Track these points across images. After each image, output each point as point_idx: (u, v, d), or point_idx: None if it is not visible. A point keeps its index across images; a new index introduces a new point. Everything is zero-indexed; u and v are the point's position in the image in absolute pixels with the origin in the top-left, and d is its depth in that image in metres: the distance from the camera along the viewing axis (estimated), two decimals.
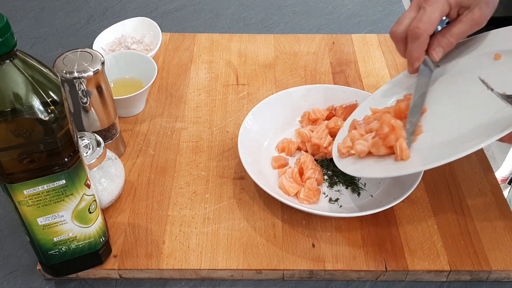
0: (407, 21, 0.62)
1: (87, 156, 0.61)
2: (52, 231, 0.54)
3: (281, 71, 0.91)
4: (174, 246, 0.64)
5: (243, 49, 0.95)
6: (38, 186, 0.49)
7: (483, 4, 0.60)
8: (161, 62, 0.92)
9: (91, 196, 0.54)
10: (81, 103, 0.66)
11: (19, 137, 0.45)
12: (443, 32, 0.62)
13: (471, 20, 0.61)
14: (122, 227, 0.66)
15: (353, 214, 0.63)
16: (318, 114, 0.77)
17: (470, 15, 0.61)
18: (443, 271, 0.62)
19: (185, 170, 0.73)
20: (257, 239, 0.65)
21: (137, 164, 0.74)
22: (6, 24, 0.42)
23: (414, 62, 0.64)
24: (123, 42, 0.91)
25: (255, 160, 0.71)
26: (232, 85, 0.88)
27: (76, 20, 1.06)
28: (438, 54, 0.63)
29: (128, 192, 0.70)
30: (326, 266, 0.62)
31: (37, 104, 0.44)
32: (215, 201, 0.69)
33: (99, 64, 0.65)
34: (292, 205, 0.63)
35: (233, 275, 0.63)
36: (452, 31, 0.62)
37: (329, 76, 0.90)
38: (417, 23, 0.60)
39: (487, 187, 0.71)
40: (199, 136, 0.79)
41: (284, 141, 0.75)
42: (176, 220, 0.67)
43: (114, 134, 0.73)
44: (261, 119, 0.75)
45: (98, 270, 0.62)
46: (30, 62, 0.45)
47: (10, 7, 1.09)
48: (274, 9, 1.10)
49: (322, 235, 0.65)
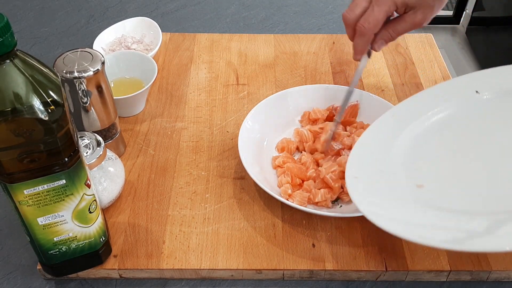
0: (359, 10, 0.67)
1: (87, 156, 0.61)
2: (52, 231, 0.54)
3: (281, 71, 0.91)
4: (174, 246, 0.64)
5: (243, 49, 0.95)
6: (38, 186, 0.49)
7: (427, 9, 0.65)
8: (161, 62, 0.92)
9: (91, 196, 0.54)
10: (81, 103, 0.66)
11: (19, 137, 0.45)
12: (387, 27, 0.68)
13: (413, 21, 0.67)
14: (122, 227, 0.66)
15: (353, 214, 0.63)
16: (318, 114, 0.77)
17: (413, 16, 0.66)
18: (443, 271, 0.62)
19: (185, 170, 0.73)
20: (257, 239, 0.65)
21: (137, 164, 0.74)
22: (6, 24, 0.42)
23: (358, 54, 0.71)
24: (123, 42, 0.91)
25: (255, 160, 0.71)
26: (232, 85, 0.88)
27: (76, 20, 1.06)
28: (379, 46, 0.70)
29: (128, 192, 0.70)
30: (326, 266, 0.62)
31: (37, 104, 0.44)
32: (215, 201, 0.69)
33: (99, 64, 0.65)
34: (292, 205, 0.63)
35: (233, 275, 0.63)
36: (395, 27, 0.68)
37: (329, 76, 0.90)
38: (364, 22, 0.66)
39: None
40: (199, 136, 0.79)
41: (283, 140, 0.75)
42: (176, 220, 0.67)
43: (114, 134, 0.73)
44: (261, 119, 0.75)
45: (98, 270, 0.62)
46: (30, 62, 0.45)
47: (10, 7, 1.09)
48: (274, 9, 1.10)
49: (322, 235, 0.65)
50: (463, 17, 2.48)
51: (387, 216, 0.55)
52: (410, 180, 0.59)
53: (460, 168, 0.60)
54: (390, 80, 0.89)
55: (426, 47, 0.97)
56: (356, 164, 0.62)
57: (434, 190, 0.57)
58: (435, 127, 0.66)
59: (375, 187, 0.59)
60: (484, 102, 0.66)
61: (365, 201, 0.56)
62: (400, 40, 0.97)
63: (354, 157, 0.63)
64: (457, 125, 0.65)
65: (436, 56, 0.94)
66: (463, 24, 2.48)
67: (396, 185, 0.59)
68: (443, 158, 0.62)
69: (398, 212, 0.56)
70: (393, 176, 0.60)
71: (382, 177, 0.60)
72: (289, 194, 0.67)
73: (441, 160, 0.62)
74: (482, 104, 0.66)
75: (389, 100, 0.83)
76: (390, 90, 0.87)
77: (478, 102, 0.66)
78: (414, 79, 0.89)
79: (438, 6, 0.66)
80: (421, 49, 0.96)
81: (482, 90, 0.66)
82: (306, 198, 0.66)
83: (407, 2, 0.64)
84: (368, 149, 0.64)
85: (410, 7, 0.65)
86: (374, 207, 0.56)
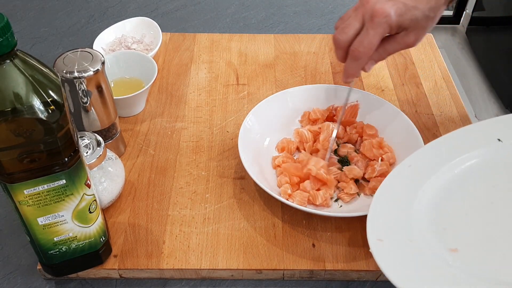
0: (352, 32, 0.64)
1: (87, 156, 0.61)
2: (52, 231, 0.54)
3: (281, 71, 0.91)
4: (174, 246, 0.64)
5: (243, 49, 0.95)
6: (38, 186, 0.49)
7: (420, 30, 0.64)
8: (161, 62, 0.92)
9: (91, 196, 0.54)
10: (81, 103, 0.66)
11: (19, 137, 0.45)
12: (378, 48, 0.65)
13: (405, 42, 0.65)
14: (122, 227, 0.66)
15: (353, 214, 0.63)
16: (318, 114, 0.77)
17: (406, 38, 0.64)
18: None
19: (185, 170, 0.73)
20: (257, 239, 0.65)
21: (137, 164, 0.74)
22: (6, 24, 0.42)
23: (349, 77, 0.68)
24: (123, 42, 0.91)
25: (255, 160, 0.71)
26: (232, 85, 0.88)
27: (76, 20, 1.06)
28: (369, 67, 0.67)
29: (128, 192, 0.70)
30: (326, 266, 0.62)
31: (37, 104, 0.44)
32: (215, 201, 0.69)
33: (99, 64, 0.65)
34: (292, 205, 0.63)
35: (233, 275, 0.63)
36: (385, 48, 0.66)
37: (329, 76, 0.90)
38: (359, 46, 0.63)
39: None
40: (199, 136, 0.79)
41: (283, 141, 0.75)
42: (176, 220, 0.67)
43: (114, 134, 0.73)
44: (261, 119, 0.75)
45: (98, 270, 0.62)
46: (30, 62, 0.45)
47: (10, 7, 1.09)
48: (274, 9, 1.10)
49: (322, 235, 0.65)
50: (463, 17, 2.48)
51: (419, 285, 0.49)
52: (442, 243, 0.53)
53: (496, 228, 0.54)
54: (390, 80, 0.89)
55: (426, 47, 0.97)
56: (378, 225, 0.56)
57: (470, 254, 0.51)
58: (458, 180, 0.59)
59: (403, 252, 0.53)
60: (509, 149, 0.61)
61: (393, 267, 0.50)
62: None
63: (374, 216, 0.57)
64: (484, 177, 0.59)
65: (436, 56, 0.94)
66: (463, 24, 2.49)
67: (426, 249, 0.52)
68: (475, 216, 0.55)
69: (431, 280, 0.50)
70: (421, 238, 0.54)
71: (409, 240, 0.54)
72: (289, 194, 0.67)
73: (473, 218, 0.55)
74: (506, 152, 0.60)
75: (389, 100, 0.83)
76: (390, 90, 0.87)
77: (502, 150, 0.61)
78: (414, 79, 0.89)
79: (430, 26, 0.64)
80: (421, 49, 0.96)
81: (504, 138, 0.61)
82: (306, 198, 0.66)
83: (401, 24, 0.62)
84: (388, 207, 0.58)
85: (403, 28, 0.63)
86: (404, 275, 0.50)
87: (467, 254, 0.51)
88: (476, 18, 2.34)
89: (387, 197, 0.59)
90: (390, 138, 0.74)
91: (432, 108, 0.84)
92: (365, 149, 0.72)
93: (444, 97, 0.86)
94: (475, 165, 0.60)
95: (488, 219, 0.55)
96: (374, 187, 0.68)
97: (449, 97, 0.86)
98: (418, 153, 0.63)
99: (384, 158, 0.71)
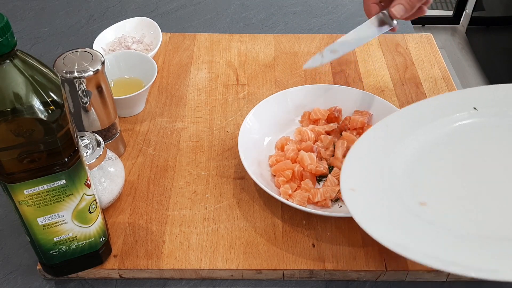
0: None
1: (87, 156, 0.61)
2: (52, 231, 0.54)
3: (281, 71, 0.91)
4: (174, 246, 0.64)
5: (243, 49, 0.95)
6: (38, 186, 0.49)
7: None
8: (161, 62, 0.92)
9: (91, 196, 0.54)
10: (81, 103, 0.66)
11: (19, 137, 0.45)
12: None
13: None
14: (122, 227, 0.66)
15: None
16: (318, 114, 0.77)
17: None
18: (443, 271, 0.62)
19: (185, 170, 0.73)
20: (257, 239, 0.65)
21: (137, 164, 0.74)
22: (6, 24, 0.42)
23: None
24: (123, 42, 0.91)
25: (255, 160, 0.71)
26: (232, 85, 0.88)
27: (76, 20, 1.06)
28: (398, 11, 0.67)
29: (128, 192, 0.70)
30: (326, 266, 0.62)
31: (37, 104, 0.44)
32: (215, 201, 0.69)
33: (99, 64, 0.65)
34: (292, 205, 0.63)
35: (233, 275, 0.63)
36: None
37: (329, 76, 0.90)
38: None
39: None
40: (199, 136, 0.79)
41: (282, 139, 0.75)
42: (176, 220, 0.67)
43: (114, 134, 0.73)
44: (261, 119, 0.75)
45: (98, 270, 0.62)
46: (30, 62, 0.45)
47: (10, 7, 1.09)
48: (274, 9, 1.10)
49: (322, 235, 0.65)
50: (463, 17, 2.48)
51: (388, 233, 0.53)
52: (413, 197, 0.57)
53: (463, 188, 0.58)
54: (390, 80, 0.89)
55: (426, 47, 0.97)
56: (352, 176, 0.60)
57: (438, 208, 0.56)
58: (433, 142, 0.64)
59: (374, 201, 0.57)
60: (482, 118, 0.64)
61: (364, 214, 0.55)
62: (400, 40, 0.97)
63: (349, 167, 0.61)
64: (457, 142, 0.63)
65: (436, 56, 0.94)
66: (463, 24, 2.49)
67: (397, 201, 0.57)
68: (445, 176, 0.60)
69: (400, 228, 0.54)
70: (393, 191, 0.58)
71: (381, 191, 0.58)
72: (289, 194, 0.67)
73: (443, 177, 0.60)
74: (480, 120, 0.65)
75: (389, 100, 0.83)
76: (390, 90, 0.87)
77: (477, 117, 0.65)
78: (414, 79, 0.89)
79: None
80: (421, 49, 0.96)
81: (479, 107, 0.65)
82: (306, 198, 0.66)
83: None
84: (363, 160, 0.62)
85: None
86: (374, 223, 0.54)
87: (434, 207, 0.55)
88: (476, 18, 2.34)
89: (363, 151, 0.63)
90: None
91: None
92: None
93: None
94: (450, 130, 0.64)
95: (456, 179, 0.59)
96: None
97: None
98: (396, 115, 0.67)
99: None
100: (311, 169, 0.69)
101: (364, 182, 0.59)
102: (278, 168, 0.70)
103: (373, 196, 0.58)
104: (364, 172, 0.61)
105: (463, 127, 0.64)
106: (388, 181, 0.59)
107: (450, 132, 0.64)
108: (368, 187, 0.59)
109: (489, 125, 0.64)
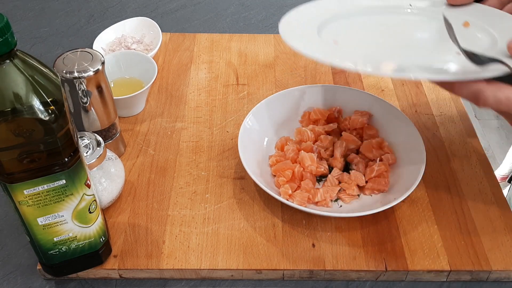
0: None
1: (87, 156, 0.61)
2: (52, 231, 0.54)
3: (281, 71, 0.91)
4: (174, 246, 0.64)
5: (243, 49, 0.95)
6: (38, 186, 0.49)
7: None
8: (161, 62, 0.92)
9: (91, 196, 0.54)
10: (81, 103, 0.66)
11: (19, 137, 0.45)
12: None
13: None
14: (122, 227, 0.66)
15: (353, 214, 0.63)
16: (318, 115, 0.77)
17: None
18: (443, 271, 0.62)
19: (185, 170, 0.73)
20: (257, 239, 0.65)
21: (137, 164, 0.74)
22: (6, 24, 0.42)
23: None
24: (123, 42, 0.91)
25: (255, 160, 0.71)
26: (232, 85, 0.88)
27: (76, 20, 1.06)
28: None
29: (128, 192, 0.70)
30: (326, 266, 0.62)
31: (37, 104, 0.44)
32: (215, 201, 0.69)
33: (99, 64, 0.65)
34: (292, 205, 0.63)
35: (233, 275, 0.63)
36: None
37: (329, 76, 0.90)
38: None
39: (487, 187, 0.71)
40: (199, 136, 0.79)
41: (282, 139, 0.75)
42: (176, 220, 0.67)
43: (114, 134, 0.73)
44: (261, 119, 0.75)
45: (98, 270, 0.62)
46: (30, 62, 0.45)
47: (10, 7, 1.10)
48: (274, 9, 1.10)
49: (322, 235, 0.65)
50: None
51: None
52: (329, 35, 0.64)
53: (372, 31, 0.66)
54: (390, 80, 0.89)
55: None
56: (290, 17, 0.70)
57: (348, 45, 0.62)
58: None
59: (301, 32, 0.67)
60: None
61: (291, 36, 0.65)
62: None
63: (291, 14, 0.70)
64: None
65: None
66: None
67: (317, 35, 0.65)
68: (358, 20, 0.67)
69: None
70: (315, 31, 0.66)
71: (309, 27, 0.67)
72: (289, 194, 0.67)
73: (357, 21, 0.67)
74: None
75: (389, 100, 0.83)
76: (390, 90, 0.87)
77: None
78: None
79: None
80: None
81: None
82: (306, 198, 0.66)
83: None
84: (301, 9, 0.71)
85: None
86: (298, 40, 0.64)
87: (345, 45, 0.62)
88: None
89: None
90: (390, 138, 0.74)
91: (432, 108, 0.84)
92: (365, 150, 0.72)
93: (444, 97, 0.86)
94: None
95: (368, 25, 0.67)
96: (372, 187, 0.68)
97: (448, 97, 0.86)
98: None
99: (383, 159, 0.71)
100: (312, 170, 0.69)
101: (300, 18, 0.70)
102: (278, 168, 0.70)
103: (301, 28, 0.68)
104: (301, 14, 0.70)
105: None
106: (315, 23, 0.67)
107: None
108: (302, 21, 0.68)
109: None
